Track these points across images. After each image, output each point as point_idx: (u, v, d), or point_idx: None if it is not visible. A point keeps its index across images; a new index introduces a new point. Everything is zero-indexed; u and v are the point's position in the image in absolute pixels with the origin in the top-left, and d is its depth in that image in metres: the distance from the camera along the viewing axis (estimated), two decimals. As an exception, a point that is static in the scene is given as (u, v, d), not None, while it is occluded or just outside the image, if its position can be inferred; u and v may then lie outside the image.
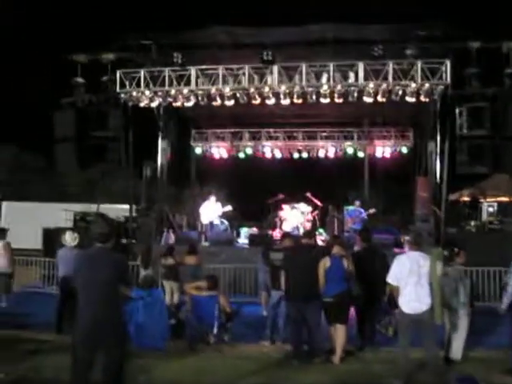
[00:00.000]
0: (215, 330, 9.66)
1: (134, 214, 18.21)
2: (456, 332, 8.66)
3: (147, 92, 17.01)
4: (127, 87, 17.04)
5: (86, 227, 17.24)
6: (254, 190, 23.47)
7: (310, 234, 9.80)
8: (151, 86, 16.97)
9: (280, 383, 7.61)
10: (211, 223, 18.48)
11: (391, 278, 7.67)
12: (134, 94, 17.07)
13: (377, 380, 7.62)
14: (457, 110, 16.47)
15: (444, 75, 15.85)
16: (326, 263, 8.74)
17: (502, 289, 9.16)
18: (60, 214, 20.29)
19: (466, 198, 20.91)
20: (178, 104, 17.64)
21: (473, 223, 17.16)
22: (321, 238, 17.72)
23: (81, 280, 5.76)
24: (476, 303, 10.15)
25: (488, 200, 19.80)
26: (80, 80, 17.19)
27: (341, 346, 8.75)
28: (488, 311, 11.65)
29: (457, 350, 8.67)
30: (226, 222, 18.67)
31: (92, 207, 19.57)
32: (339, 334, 8.77)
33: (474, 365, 8.31)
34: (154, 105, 17.74)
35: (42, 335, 10.20)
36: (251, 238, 17.44)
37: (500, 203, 19.28)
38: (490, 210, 19.28)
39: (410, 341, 7.59)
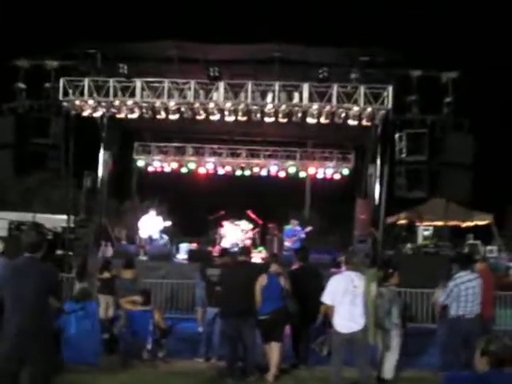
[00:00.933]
0: (149, 346, 9.52)
1: (71, 225, 17.78)
2: (388, 352, 8.79)
3: (90, 101, 16.76)
4: (70, 95, 16.73)
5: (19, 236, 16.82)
6: (196, 206, 23.43)
7: (247, 251, 9.80)
8: (95, 95, 16.72)
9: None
10: (150, 237, 18.26)
11: (326, 297, 7.74)
12: (77, 102, 16.78)
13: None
14: (397, 135, 16.85)
15: (386, 100, 16.24)
16: (262, 281, 8.75)
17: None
18: (-5, 222, 19.70)
19: (403, 221, 21.40)
20: (122, 115, 17.46)
21: (409, 246, 17.56)
22: (261, 256, 17.75)
23: (7, 290, 5.59)
24: (409, 324, 10.38)
25: (424, 224, 20.31)
26: (21, 85, 16.73)
27: (275, 364, 8.76)
28: (420, 332, 11.97)
29: (389, 369, 8.81)
30: (165, 237, 18.48)
31: (28, 216, 19.05)
32: (274, 351, 8.78)
33: (405, 385, 8.46)
34: (96, 115, 17.49)
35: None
36: (190, 253, 17.32)
37: (436, 227, 19.78)
38: (426, 233, 19.77)
39: (343, 360, 7.67)
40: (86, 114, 17.10)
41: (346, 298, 7.53)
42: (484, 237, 20.98)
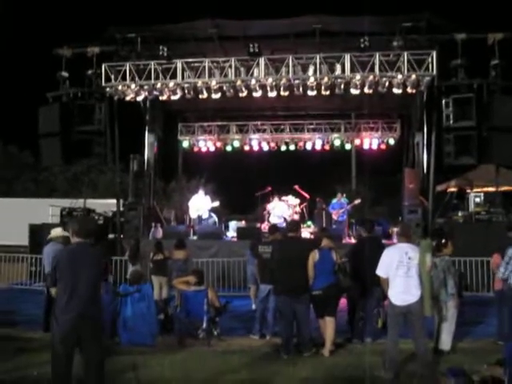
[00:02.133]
0: (204, 325, 9.62)
1: (121, 209, 18.06)
2: (445, 323, 8.68)
3: (133, 85, 16.85)
4: (112, 81, 16.86)
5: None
6: (242, 183, 23.46)
7: (297, 226, 9.73)
8: (137, 79, 16.80)
9: (270, 377, 7.58)
10: (199, 217, 18.42)
11: (380, 270, 7.66)
12: (120, 87, 16.88)
13: (367, 372, 7.60)
14: (443, 101, 16.44)
15: (430, 66, 15.84)
16: (314, 256, 8.73)
17: None
18: (46, 209, 20.17)
19: (453, 189, 20.95)
20: (164, 97, 17.50)
21: (460, 214, 17.19)
22: (309, 230, 17.71)
23: (64, 275, 5.73)
24: (464, 293, 10.23)
25: (475, 190, 19.89)
26: (65, 74, 16.96)
27: (330, 338, 8.76)
28: (476, 301, 11.80)
29: (446, 340, 8.71)
30: (214, 216, 18.61)
31: (79, 202, 19.42)
32: (328, 326, 8.77)
33: (463, 355, 8.35)
34: (139, 98, 17.57)
35: (29, 333, 10.13)
36: (239, 231, 17.40)
37: (487, 193, 19.36)
38: (477, 200, 19.36)
39: (399, 332, 7.60)
40: (128, 98, 17.21)
41: (401, 270, 7.43)
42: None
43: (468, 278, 13.83)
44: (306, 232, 17.02)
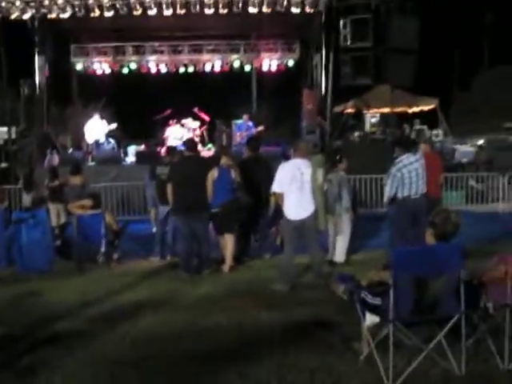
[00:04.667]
0: (103, 248, 9.49)
1: (13, 136, 17.21)
2: (339, 236, 9.00)
3: (18, 2, 15.76)
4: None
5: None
6: (141, 107, 22.86)
7: (193, 145, 9.64)
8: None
9: (169, 295, 7.61)
10: (97, 142, 17.89)
11: (275, 186, 7.76)
12: (3, 4, 15.76)
13: (265, 286, 7.80)
14: (341, 22, 16.48)
15: (328, -15, 15.79)
16: (213, 174, 8.71)
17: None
18: None
19: (350, 110, 21.38)
20: (54, 16, 16.50)
21: (356, 134, 17.64)
22: (209, 153, 17.63)
23: None
24: (359, 210, 10.60)
25: (371, 111, 20.36)
26: None
27: (230, 255, 8.89)
28: (370, 217, 12.28)
29: (340, 253, 9.07)
30: (112, 141, 18.13)
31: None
32: (228, 243, 8.88)
33: (356, 266, 8.68)
34: (26, 17, 16.47)
35: None
36: (139, 155, 17.12)
37: (382, 114, 19.87)
38: (373, 120, 19.87)
39: (294, 247, 7.80)
40: (14, 16, 16.10)
41: (294, 186, 7.55)
42: (430, 122, 21.22)
43: (363, 195, 14.31)
44: (207, 155, 16.92)
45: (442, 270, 4.69)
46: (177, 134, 17.89)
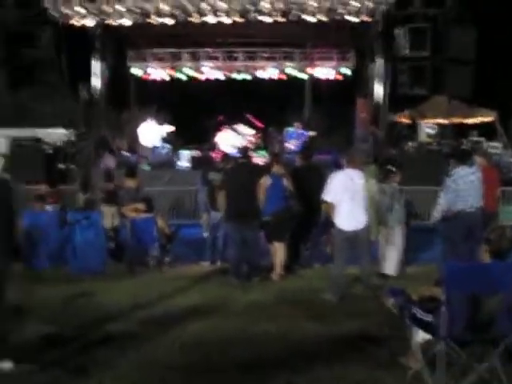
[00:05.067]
0: (155, 252, 9.62)
1: (71, 138, 17.64)
2: (391, 248, 8.88)
3: (80, 9, 16.16)
4: (59, 5, 16.13)
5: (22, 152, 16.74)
6: (195, 112, 23.08)
7: (247, 152, 9.70)
8: (84, 3, 16.11)
9: (219, 301, 7.66)
10: (152, 146, 18.18)
11: (327, 195, 7.72)
12: (66, 11, 16.19)
13: (314, 295, 7.77)
14: (398, 31, 16.35)
15: (386, -6, 15.63)
16: (265, 182, 8.72)
17: None
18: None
19: (406, 120, 21.09)
20: (113, 22, 16.86)
21: (411, 144, 17.38)
22: (262, 159, 17.65)
23: None
24: (412, 221, 10.42)
25: (427, 122, 20.03)
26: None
27: (280, 263, 8.88)
28: (424, 229, 12.04)
29: (391, 265, 8.93)
30: (166, 145, 18.39)
31: (28, 132, 18.85)
32: (278, 251, 8.88)
33: (408, 280, 8.53)
34: (87, 23, 16.88)
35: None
36: (192, 160, 17.27)
37: (439, 125, 19.54)
38: (429, 131, 19.53)
39: (345, 257, 7.74)
40: (75, 22, 16.51)
41: (346, 196, 7.50)
42: (488, 134, 20.72)
43: (417, 206, 14.06)
44: (260, 161, 16.95)
45: (497, 288, 4.57)
46: (228, 139, 17.99)
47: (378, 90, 17.67)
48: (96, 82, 19.33)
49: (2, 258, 5.54)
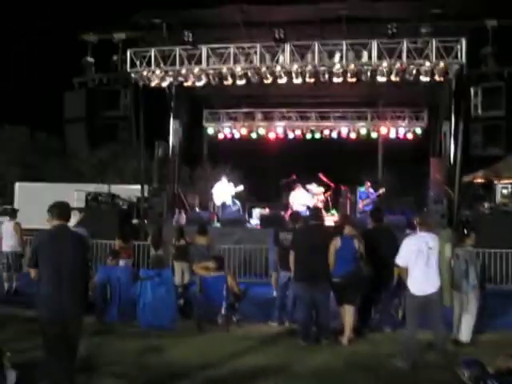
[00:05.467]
0: (223, 310, 9.63)
1: (145, 195, 18.16)
2: (465, 314, 8.57)
3: (158, 71, 16.83)
4: (138, 67, 16.87)
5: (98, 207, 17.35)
6: (267, 171, 23.44)
7: (319, 214, 9.69)
8: (162, 65, 16.79)
9: (287, 363, 7.57)
10: (223, 204, 18.45)
11: (400, 259, 7.58)
12: (145, 73, 16.88)
13: (385, 361, 7.57)
14: (472, 90, 16.17)
15: (459, 54, 15.51)
16: (336, 243, 8.67)
17: None
18: (72, 194, 20.35)
19: (480, 180, 20.67)
20: (189, 83, 17.44)
21: (486, 205, 16.90)
22: (333, 219, 17.59)
23: (44, 258, 5.73)
24: (488, 285, 10.06)
25: (502, 182, 19.54)
26: (90, 59, 17.04)
27: (350, 326, 8.71)
28: (499, 294, 11.63)
29: (466, 332, 8.61)
30: (238, 203, 18.62)
31: (104, 187, 19.56)
32: (348, 314, 8.72)
33: (482, 348, 8.24)
34: (164, 84, 17.53)
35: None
36: (263, 218, 17.38)
37: (515, 185, 19.04)
38: (504, 191, 19.03)
39: (418, 322, 7.52)
40: (153, 84, 17.19)
41: (420, 260, 7.34)
42: None
43: (492, 270, 13.62)
44: (330, 220, 16.89)
45: None
46: (301, 199, 18.06)
47: (452, 149, 17.38)
48: (171, 140, 19.91)
49: (76, 310, 5.69)
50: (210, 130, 23.58)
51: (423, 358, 7.65)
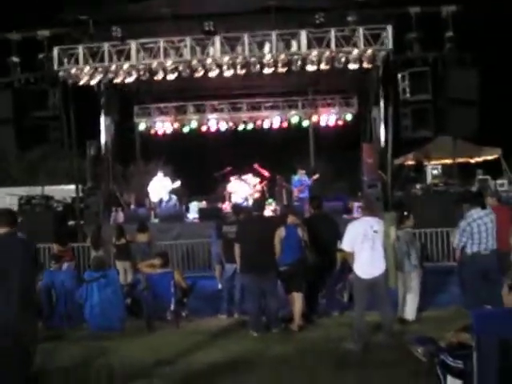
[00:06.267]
0: (172, 307, 9.60)
1: (80, 195, 17.78)
2: (409, 293, 8.87)
3: (86, 68, 16.43)
4: (65, 64, 16.44)
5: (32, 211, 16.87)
6: (201, 164, 23.32)
7: (261, 205, 9.81)
8: (90, 62, 16.42)
9: (241, 355, 7.62)
10: (160, 199, 18.29)
11: (346, 244, 7.76)
12: (73, 71, 16.46)
13: (335, 345, 7.74)
14: (399, 76, 16.61)
15: (386, 41, 15.88)
16: (281, 233, 8.78)
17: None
18: (3, 198, 19.75)
19: (411, 162, 21.28)
20: (119, 80, 17.14)
21: (418, 186, 17.43)
22: (271, 208, 17.76)
23: None
24: (425, 264, 10.44)
25: (432, 163, 20.17)
26: (15, 59, 16.44)
27: (298, 313, 8.85)
28: (437, 271, 12.07)
29: (410, 310, 8.92)
30: (174, 198, 18.48)
31: (37, 190, 19.04)
32: (296, 301, 8.87)
33: (428, 324, 8.55)
34: (94, 82, 17.14)
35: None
36: (201, 212, 17.34)
37: (444, 165, 19.67)
38: (435, 172, 19.63)
39: (365, 305, 7.74)
40: (82, 82, 16.78)
41: (366, 244, 7.54)
42: (494, 171, 20.85)
43: (428, 248, 14.09)
44: (268, 210, 17.04)
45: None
46: (238, 190, 18.13)
47: (382, 134, 17.82)
48: (103, 138, 19.53)
49: (27, 319, 5.56)
50: (142, 126, 23.24)
51: (373, 338, 7.88)
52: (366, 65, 16.47)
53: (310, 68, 16.56)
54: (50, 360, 7.14)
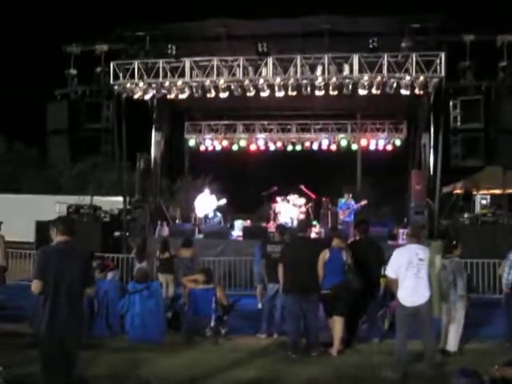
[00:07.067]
0: (212, 323, 9.65)
1: (127, 207, 18.08)
2: (453, 324, 8.71)
3: (141, 84, 16.83)
4: (121, 79, 16.86)
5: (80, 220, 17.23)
6: (248, 183, 23.51)
7: (306, 226, 9.80)
8: (145, 77, 16.80)
9: (277, 376, 7.61)
10: (205, 216, 18.46)
11: (390, 271, 7.68)
12: (128, 85, 16.87)
13: (374, 372, 7.64)
14: (451, 103, 16.45)
15: (438, 68, 15.79)
16: (325, 255, 8.77)
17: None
18: (53, 206, 20.20)
19: (460, 191, 20.96)
20: (172, 96, 17.48)
21: (466, 215, 17.17)
22: (315, 230, 17.73)
23: (48, 273, 5.67)
24: (471, 295, 10.22)
25: (481, 193, 19.86)
26: (73, 71, 16.96)
27: (339, 338, 8.78)
28: (483, 303, 11.79)
29: (453, 341, 8.74)
30: (219, 215, 18.64)
31: (85, 199, 19.45)
32: (337, 326, 8.80)
33: (470, 356, 8.38)
34: (147, 97, 17.54)
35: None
36: (245, 230, 17.40)
37: (493, 195, 19.34)
38: (483, 202, 19.33)
39: (407, 333, 7.63)
40: (136, 96, 17.18)
41: (410, 272, 7.45)
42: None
43: (474, 279, 13.81)
44: (312, 232, 17.01)
45: None
46: (283, 210, 18.19)
47: (431, 161, 17.64)
48: (153, 152, 19.88)
49: (75, 326, 5.68)
50: (192, 142, 23.61)
51: (414, 368, 7.75)
52: (417, 91, 16.38)
53: (361, 92, 16.57)
54: (87, 368, 7.21)
